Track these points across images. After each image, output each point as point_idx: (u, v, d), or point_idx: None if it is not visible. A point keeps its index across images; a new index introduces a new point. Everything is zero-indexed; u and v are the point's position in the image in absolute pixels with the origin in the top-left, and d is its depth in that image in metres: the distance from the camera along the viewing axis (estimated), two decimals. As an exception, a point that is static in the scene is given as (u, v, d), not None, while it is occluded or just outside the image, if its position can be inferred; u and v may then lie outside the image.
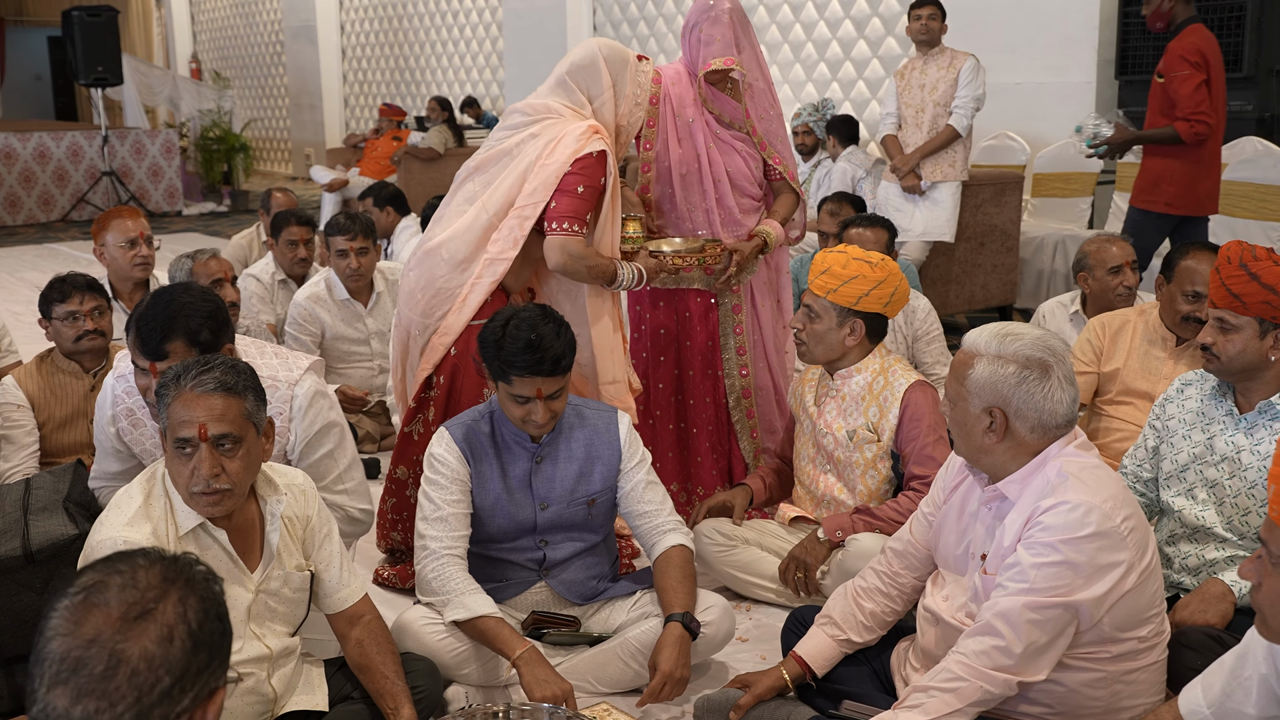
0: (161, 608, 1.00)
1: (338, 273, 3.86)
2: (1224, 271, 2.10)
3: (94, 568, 1.03)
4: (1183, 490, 2.24)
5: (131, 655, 0.97)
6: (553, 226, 2.61)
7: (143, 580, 1.02)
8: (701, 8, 2.93)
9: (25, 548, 2.20)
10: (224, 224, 9.82)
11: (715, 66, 2.87)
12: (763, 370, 3.16)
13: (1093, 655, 1.77)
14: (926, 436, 2.51)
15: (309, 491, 1.98)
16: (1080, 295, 3.32)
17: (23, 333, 4.08)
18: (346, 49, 12.58)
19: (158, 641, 0.98)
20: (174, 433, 1.77)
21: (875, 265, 2.54)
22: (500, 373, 2.20)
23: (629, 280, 2.73)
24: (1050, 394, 1.78)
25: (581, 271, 2.65)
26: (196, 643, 1.00)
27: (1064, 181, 5.81)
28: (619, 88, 2.76)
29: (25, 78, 16.24)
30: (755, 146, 3.01)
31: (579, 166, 2.60)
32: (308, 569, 1.95)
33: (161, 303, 2.09)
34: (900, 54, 6.94)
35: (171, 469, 1.81)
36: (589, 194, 2.61)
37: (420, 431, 2.82)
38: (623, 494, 2.36)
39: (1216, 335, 2.12)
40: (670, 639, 2.13)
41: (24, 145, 9.81)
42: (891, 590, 2.08)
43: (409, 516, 2.85)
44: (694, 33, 2.94)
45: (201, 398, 1.76)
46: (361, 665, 1.99)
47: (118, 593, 1.00)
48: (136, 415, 2.32)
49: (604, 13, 9.23)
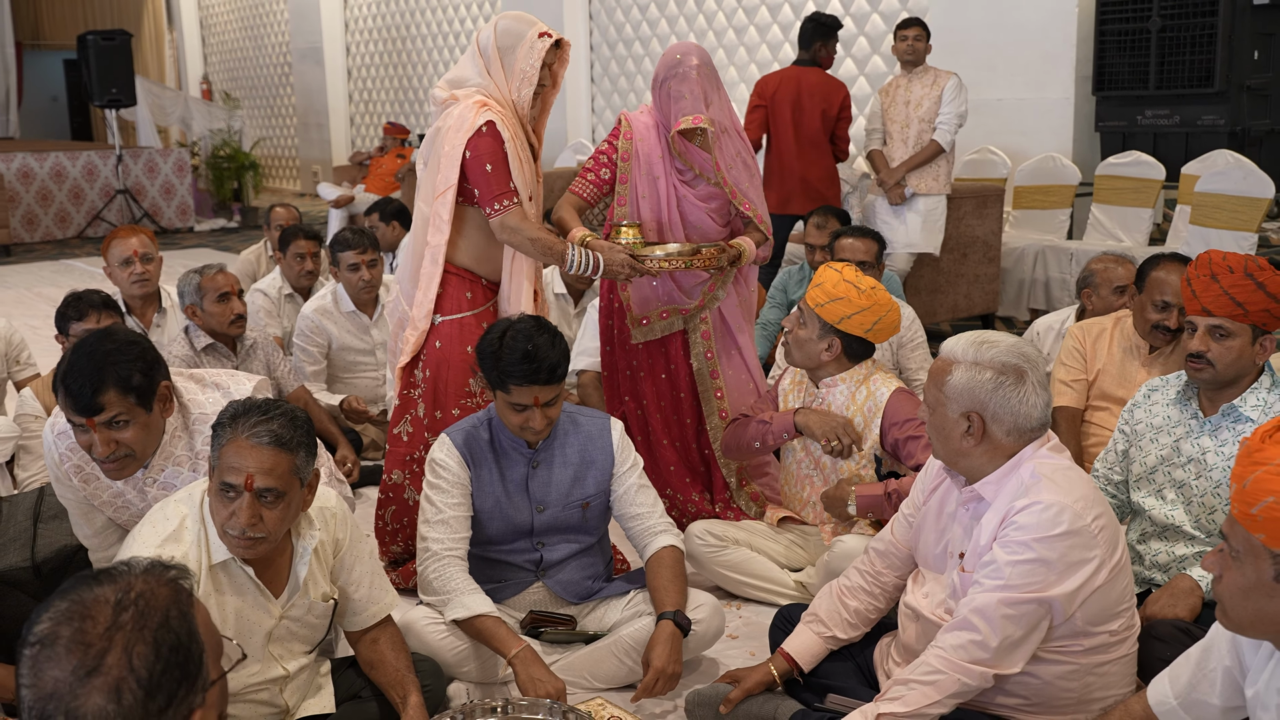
0: (108, 662, 1.00)
1: (348, 286, 3.95)
2: (1226, 280, 2.12)
3: (51, 611, 1.04)
4: (1152, 491, 2.29)
5: (87, 712, 0.99)
6: (488, 212, 2.70)
7: (90, 631, 1.02)
8: (669, 63, 2.94)
9: (32, 559, 2.23)
10: (234, 239, 9.94)
11: (685, 126, 2.89)
12: (731, 349, 3.15)
13: (1066, 649, 1.82)
14: (921, 441, 2.52)
15: (340, 514, 1.99)
16: (1078, 312, 3.35)
17: (40, 346, 4.17)
18: (352, 70, 12.75)
19: (108, 697, 0.99)
20: (221, 475, 1.79)
21: (863, 292, 2.57)
22: (499, 382, 2.27)
23: (579, 264, 2.75)
24: (1025, 398, 1.83)
25: (525, 244, 2.71)
26: (149, 690, 1.01)
27: (1043, 194, 5.91)
28: (507, 63, 2.73)
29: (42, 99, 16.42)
30: (726, 195, 3.03)
31: (473, 146, 2.64)
32: (332, 597, 1.97)
33: (84, 356, 1.97)
34: (886, 71, 7.03)
35: (213, 503, 1.83)
36: (498, 165, 2.65)
37: (409, 431, 2.88)
38: (615, 497, 2.42)
39: (1210, 343, 2.13)
40: (662, 636, 2.19)
41: (41, 165, 9.96)
42: (874, 589, 2.12)
43: (409, 524, 2.90)
44: (663, 88, 2.95)
45: (254, 449, 1.76)
46: (373, 661, 2.03)
47: (65, 649, 1.01)
48: (86, 471, 2.16)
49: (600, 33, 9.36)
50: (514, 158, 2.69)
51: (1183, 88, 5.49)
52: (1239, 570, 1.36)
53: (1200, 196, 4.93)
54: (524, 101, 2.75)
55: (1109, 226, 5.62)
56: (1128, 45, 5.64)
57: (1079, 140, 6.08)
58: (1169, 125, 5.61)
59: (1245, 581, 1.35)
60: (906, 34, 5.00)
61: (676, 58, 2.94)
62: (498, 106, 2.71)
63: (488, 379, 2.30)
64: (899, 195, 5.04)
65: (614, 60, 9.29)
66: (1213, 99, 5.41)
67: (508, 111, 2.73)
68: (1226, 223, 4.69)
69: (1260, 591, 1.33)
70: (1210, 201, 4.86)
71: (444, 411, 2.83)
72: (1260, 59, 5.57)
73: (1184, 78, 5.46)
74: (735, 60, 8.33)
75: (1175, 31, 5.43)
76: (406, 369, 2.87)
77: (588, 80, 9.55)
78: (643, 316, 3.10)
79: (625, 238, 2.90)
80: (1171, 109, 5.58)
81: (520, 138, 2.75)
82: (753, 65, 8.19)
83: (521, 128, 2.77)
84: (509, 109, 2.74)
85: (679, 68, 2.93)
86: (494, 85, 2.74)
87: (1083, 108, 6.02)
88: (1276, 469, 1.30)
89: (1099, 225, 5.69)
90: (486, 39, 2.74)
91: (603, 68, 9.45)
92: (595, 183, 3.06)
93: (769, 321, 4.12)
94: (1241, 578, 1.35)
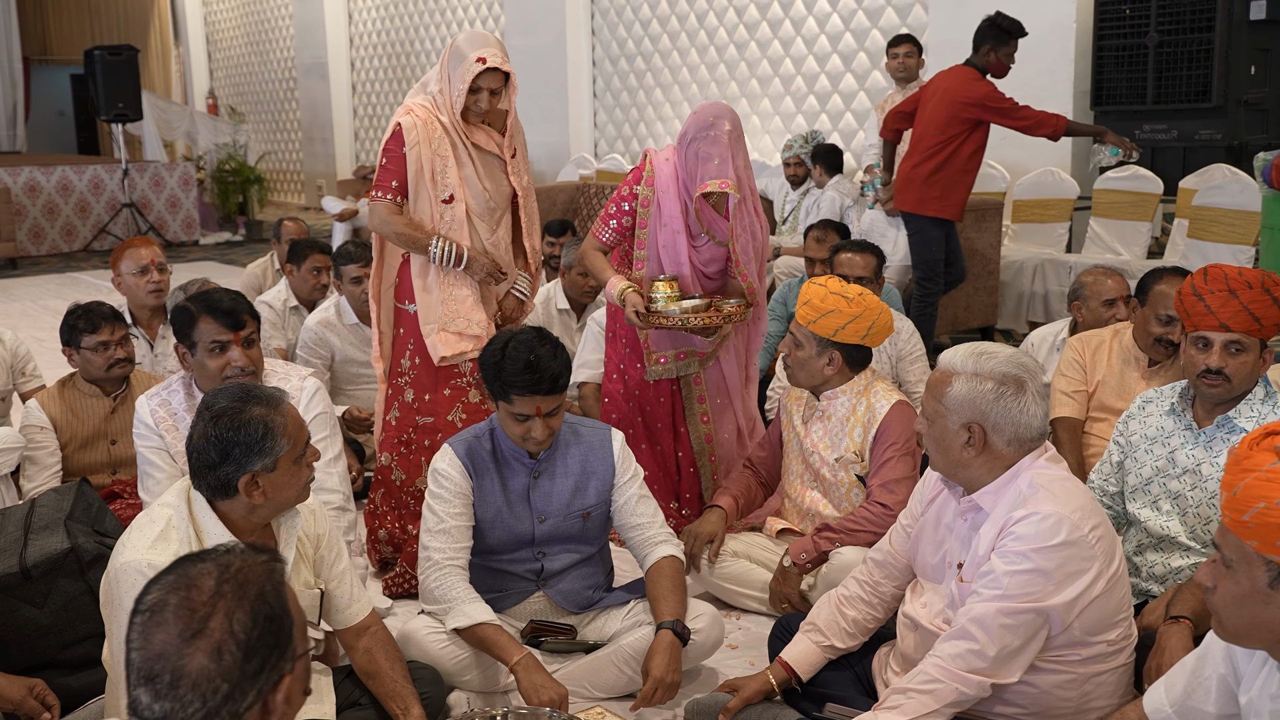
0: (211, 626, 1.12)
1: (352, 298, 3.97)
2: (1246, 296, 2.13)
3: (159, 583, 1.16)
4: (1148, 502, 2.30)
5: (191, 670, 1.11)
6: (369, 197, 2.90)
7: (195, 599, 1.14)
8: (702, 124, 2.97)
9: (21, 564, 2.25)
10: (239, 253, 9.98)
11: (711, 189, 2.94)
12: (727, 414, 3.26)
13: (1063, 658, 1.83)
14: (891, 463, 2.58)
15: (319, 512, 2.07)
16: (1070, 325, 3.37)
17: (46, 359, 4.19)
18: (356, 84, 12.84)
19: (210, 657, 1.11)
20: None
21: (852, 299, 2.61)
22: (501, 393, 2.30)
23: (440, 255, 2.86)
24: (1025, 408, 1.85)
25: (391, 235, 2.92)
26: (246, 652, 1.13)
27: (1042, 208, 5.94)
28: (450, 77, 2.86)
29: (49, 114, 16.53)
30: (726, 257, 3.09)
31: (385, 144, 2.89)
32: (317, 587, 2.02)
33: (220, 292, 2.57)
34: (885, 86, 7.08)
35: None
36: (391, 163, 2.86)
37: (398, 416, 3.00)
38: (616, 507, 2.44)
39: (1227, 359, 2.14)
40: (662, 646, 2.20)
41: (48, 178, 10.02)
42: (873, 598, 2.13)
43: (396, 506, 2.99)
44: (691, 146, 2.98)
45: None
46: (370, 671, 2.05)
47: (174, 613, 1.13)
48: (170, 422, 2.54)
49: (602, 48, 9.42)
50: (439, 164, 2.86)
51: (1180, 102, 5.52)
52: (1233, 579, 1.36)
53: (1198, 210, 4.97)
54: (456, 114, 2.88)
55: (1107, 240, 5.65)
56: (1125, 60, 5.69)
57: (1077, 154, 6.12)
58: (1167, 140, 5.65)
59: (1240, 590, 1.35)
60: (898, 51, 5.04)
61: (710, 119, 2.98)
62: (424, 111, 2.87)
63: (490, 389, 2.33)
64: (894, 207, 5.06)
65: (616, 75, 9.35)
66: (1210, 113, 5.44)
67: (448, 119, 2.88)
68: (1224, 236, 4.72)
69: (1255, 599, 1.34)
70: (1208, 215, 4.89)
71: (434, 394, 2.96)
72: (1257, 74, 5.61)
73: (1181, 92, 5.50)
74: (736, 75, 8.38)
75: (1173, 47, 5.47)
76: (393, 361, 3.01)
77: (590, 95, 9.61)
78: (659, 355, 3.17)
79: (659, 291, 3.00)
80: (1169, 123, 5.62)
81: (462, 145, 2.90)
82: (754, 81, 8.25)
83: (463, 137, 2.90)
84: (449, 118, 2.89)
85: (711, 130, 2.96)
86: (442, 93, 2.90)
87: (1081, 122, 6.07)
88: (1265, 475, 1.31)
89: (1097, 239, 5.72)
90: (446, 49, 2.90)
91: (605, 83, 9.51)
92: (617, 229, 3.15)
93: (770, 335, 4.14)
94: (1236, 587, 1.36)
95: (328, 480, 2.59)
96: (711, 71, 8.53)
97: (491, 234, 2.99)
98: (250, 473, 1.83)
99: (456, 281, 2.92)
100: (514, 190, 3.03)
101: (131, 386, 3.19)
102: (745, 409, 3.32)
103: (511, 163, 3.00)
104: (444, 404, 2.97)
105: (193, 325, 2.47)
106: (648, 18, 8.91)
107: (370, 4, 12.34)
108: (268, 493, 1.86)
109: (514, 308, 3.08)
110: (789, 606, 2.64)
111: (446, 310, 2.91)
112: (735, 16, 8.25)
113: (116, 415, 3.14)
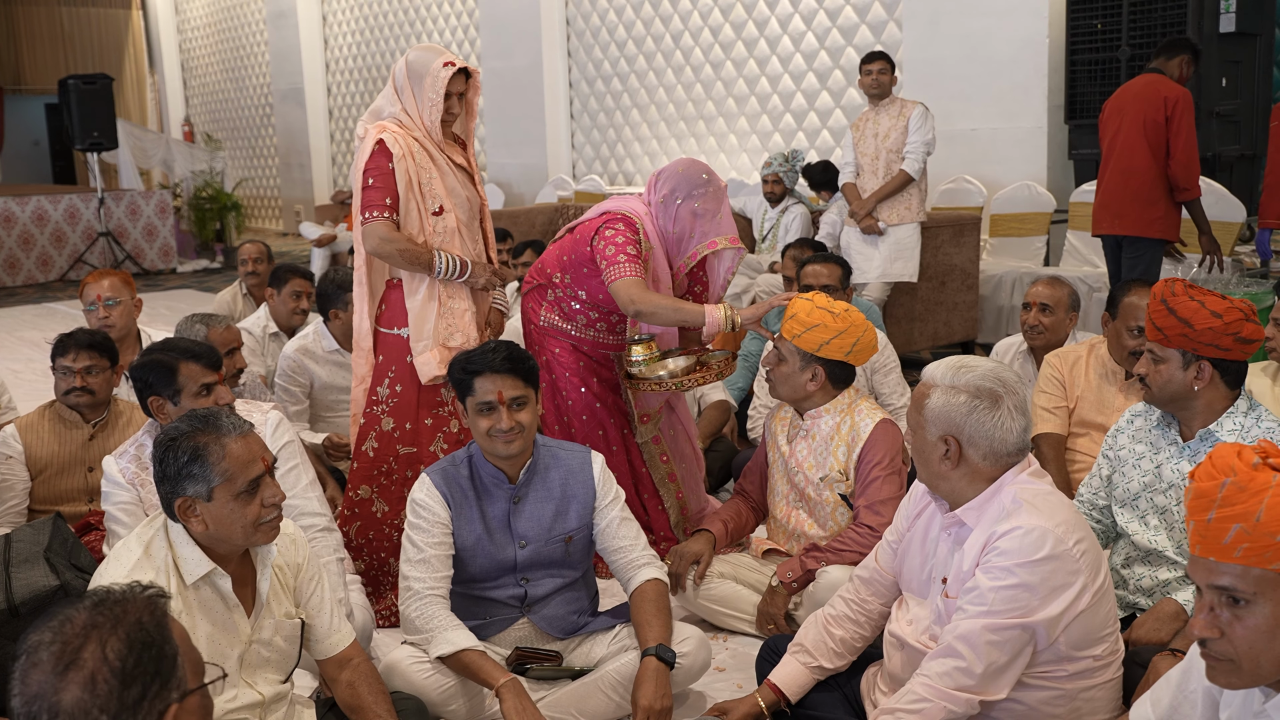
0: (84, 656, 1.09)
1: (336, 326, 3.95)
2: (1149, 307, 2.19)
3: (37, 627, 1.13)
4: (1135, 516, 2.30)
5: (66, 703, 1.08)
6: (358, 221, 2.83)
7: (68, 632, 1.11)
8: (694, 181, 2.96)
9: (9, 601, 2.22)
10: (217, 280, 9.92)
11: (722, 245, 2.97)
12: (684, 441, 3.27)
13: (1050, 674, 1.82)
14: (877, 484, 2.58)
15: (299, 540, 2.03)
16: None
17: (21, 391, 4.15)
18: (333, 110, 12.84)
19: (84, 687, 1.08)
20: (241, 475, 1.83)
21: (837, 316, 2.61)
22: (466, 384, 2.30)
23: (447, 269, 2.84)
24: (1000, 423, 1.85)
25: (393, 255, 2.81)
26: (124, 680, 1.09)
27: (1019, 222, 6.00)
28: (417, 91, 2.85)
29: (24, 144, 16.43)
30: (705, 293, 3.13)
31: (365, 165, 2.80)
32: (298, 616, 1.99)
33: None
34: (861, 104, 7.16)
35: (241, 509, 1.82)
36: (379, 181, 2.78)
37: (375, 447, 2.96)
38: (598, 530, 2.42)
39: (1149, 366, 2.19)
40: (648, 673, 2.18)
41: (22, 209, 9.94)
42: (860, 617, 2.12)
43: (375, 538, 2.96)
44: (685, 204, 2.96)
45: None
46: (353, 705, 2.02)
47: (47, 650, 1.10)
48: (143, 476, 2.43)
49: (579, 70, 9.47)
50: (425, 176, 2.82)
51: (1154, 115, 5.59)
52: (1255, 613, 1.28)
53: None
54: (435, 126, 2.85)
55: (1084, 252, 5.70)
56: (1098, 74, 5.75)
57: (1053, 168, 6.19)
58: (1140, 152, 5.70)
59: (1268, 621, 1.27)
60: (871, 68, 5.10)
61: (703, 177, 2.99)
62: (398, 129, 2.83)
63: (456, 388, 2.34)
64: (872, 226, 5.10)
65: (593, 96, 9.39)
66: (1183, 126, 5.51)
67: (422, 135, 2.86)
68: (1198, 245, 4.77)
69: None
70: (1183, 227, 4.94)
71: (415, 423, 2.93)
72: (1229, 86, 5.69)
73: (1154, 105, 5.57)
74: (713, 94, 8.43)
75: (1145, 60, 5.51)
76: (370, 389, 2.97)
77: (567, 117, 9.64)
78: (643, 414, 3.17)
79: (637, 354, 2.97)
80: (1143, 136, 5.67)
81: (441, 157, 2.88)
82: (730, 100, 8.30)
83: (440, 150, 2.89)
84: (424, 134, 2.86)
85: (707, 187, 2.98)
86: (406, 113, 2.87)
87: (1056, 136, 6.13)
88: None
89: (1075, 251, 5.77)
90: (399, 70, 2.87)
91: (582, 104, 9.54)
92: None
93: (750, 353, 4.14)
94: (1262, 619, 1.27)
95: (307, 505, 2.55)
96: (688, 91, 8.58)
97: (475, 244, 2.99)
98: (184, 497, 1.78)
99: (455, 294, 2.89)
100: (483, 201, 3.03)
101: (113, 414, 3.15)
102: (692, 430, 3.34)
103: (477, 175, 3.01)
104: (426, 434, 2.94)
105: (173, 375, 2.41)
106: (623, 39, 8.96)
107: (346, 30, 12.36)
108: (208, 523, 1.80)
109: (497, 320, 3.08)
110: (774, 628, 2.62)
111: (444, 325, 2.88)
112: (711, 36, 8.31)
113: (95, 442, 3.10)
